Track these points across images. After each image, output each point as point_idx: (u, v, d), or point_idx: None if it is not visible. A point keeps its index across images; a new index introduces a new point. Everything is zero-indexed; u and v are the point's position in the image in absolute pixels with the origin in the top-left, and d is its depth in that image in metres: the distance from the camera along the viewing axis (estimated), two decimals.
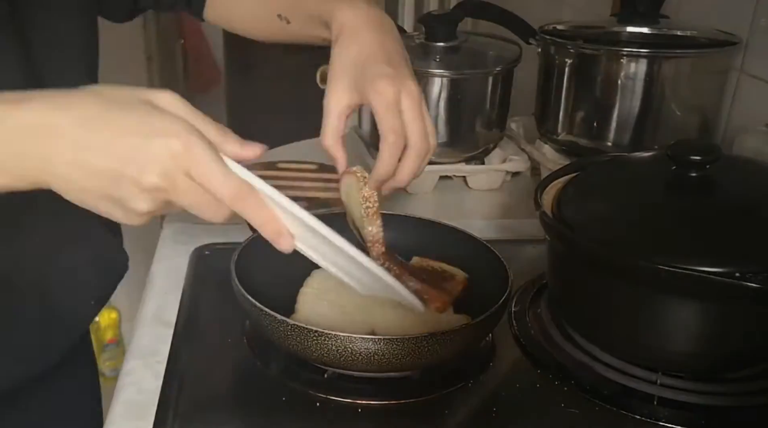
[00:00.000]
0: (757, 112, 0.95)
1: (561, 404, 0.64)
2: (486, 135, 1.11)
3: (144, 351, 0.70)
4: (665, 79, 0.96)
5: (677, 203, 0.67)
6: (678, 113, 0.98)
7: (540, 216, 0.67)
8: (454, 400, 0.64)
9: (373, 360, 0.59)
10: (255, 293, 0.63)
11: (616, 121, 0.99)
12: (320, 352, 0.59)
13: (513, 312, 0.76)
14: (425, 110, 0.68)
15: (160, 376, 0.66)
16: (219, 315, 0.74)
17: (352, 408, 0.62)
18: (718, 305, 0.60)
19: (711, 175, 0.65)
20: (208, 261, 0.84)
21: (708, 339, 0.62)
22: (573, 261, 0.68)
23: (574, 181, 0.73)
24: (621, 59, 0.96)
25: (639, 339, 0.64)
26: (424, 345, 0.59)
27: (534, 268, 0.81)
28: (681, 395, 0.63)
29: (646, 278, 0.60)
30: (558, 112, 1.06)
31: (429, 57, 1.07)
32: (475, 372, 0.67)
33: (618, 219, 0.66)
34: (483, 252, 0.73)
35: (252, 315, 0.63)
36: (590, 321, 0.69)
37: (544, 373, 0.67)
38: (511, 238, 0.93)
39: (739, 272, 0.56)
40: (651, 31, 1.01)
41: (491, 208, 1.06)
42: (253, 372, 0.67)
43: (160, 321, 0.74)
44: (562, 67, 1.04)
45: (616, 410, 0.63)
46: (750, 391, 0.64)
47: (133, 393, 0.64)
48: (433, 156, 1.07)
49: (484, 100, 1.08)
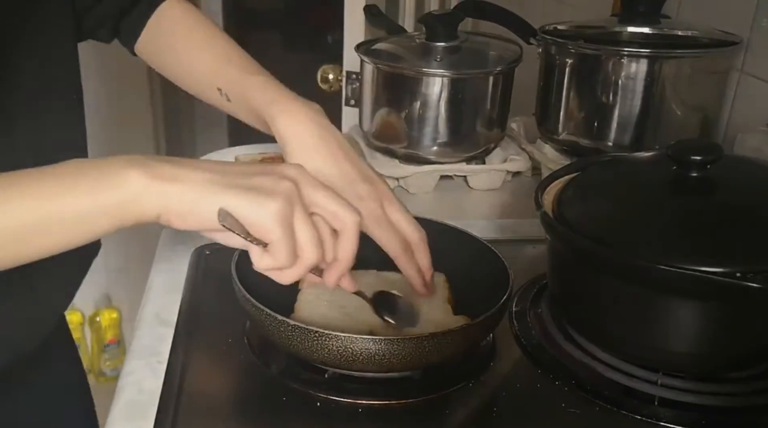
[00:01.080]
0: (757, 111, 0.95)
1: (561, 404, 0.64)
2: (487, 135, 1.11)
3: (145, 351, 0.70)
4: (666, 79, 0.96)
5: (678, 203, 0.67)
6: (679, 113, 0.98)
7: (540, 216, 0.67)
8: (454, 400, 0.64)
9: (374, 361, 0.59)
10: (256, 293, 0.63)
11: (617, 121, 0.99)
12: (321, 352, 0.59)
13: (514, 312, 0.76)
14: (398, 201, 0.69)
15: (160, 376, 0.66)
16: (220, 316, 0.74)
17: (352, 408, 0.62)
18: (720, 305, 0.60)
19: (712, 175, 0.65)
20: (209, 262, 0.84)
21: (709, 339, 0.62)
22: (573, 261, 0.68)
23: (575, 181, 0.73)
24: (622, 59, 0.96)
25: (640, 339, 0.64)
26: (424, 346, 0.59)
27: (535, 268, 0.81)
28: (682, 395, 0.63)
29: (647, 278, 0.60)
30: (559, 111, 1.06)
31: (429, 57, 1.07)
32: (475, 372, 0.67)
33: (619, 219, 0.66)
34: (484, 252, 0.73)
35: (253, 315, 0.63)
36: (591, 321, 0.69)
37: (545, 373, 0.67)
38: (511, 238, 0.93)
39: (740, 272, 0.56)
40: (652, 31, 1.01)
41: (492, 208, 1.06)
42: (253, 372, 0.67)
43: (161, 321, 0.74)
44: (562, 67, 1.04)
45: (616, 410, 0.63)
46: (751, 392, 0.64)
47: (133, 393, 0.64)
48: (434, 156, 1.09)
49: (485, 100, 1.08)
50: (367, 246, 0.64)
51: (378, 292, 0.68)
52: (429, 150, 1.09)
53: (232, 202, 0.51)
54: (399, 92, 1.07)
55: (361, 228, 0.59)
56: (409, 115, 1.07)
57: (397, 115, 1.08)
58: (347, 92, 1.57)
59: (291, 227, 0.52)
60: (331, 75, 1.65)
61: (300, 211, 0.53)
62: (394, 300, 0.69)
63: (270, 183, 0.52)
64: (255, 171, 0.54)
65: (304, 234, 0.53)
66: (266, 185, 0.52)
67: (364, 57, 1.10)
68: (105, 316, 2.47)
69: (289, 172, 0.54)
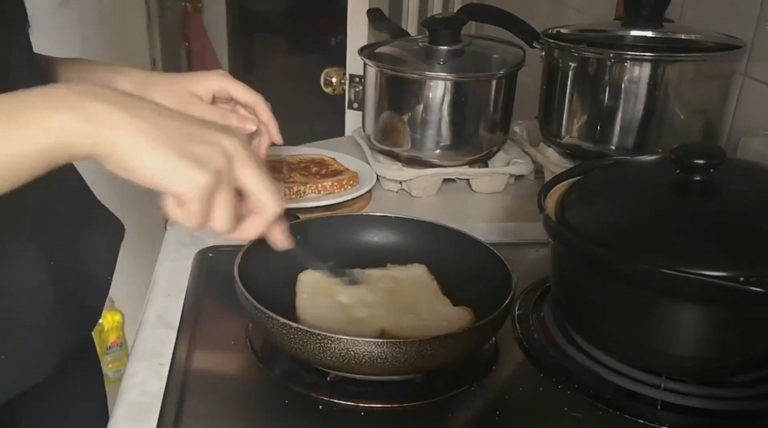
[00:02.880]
0: (761, 115, 0.95)
1: (564, 408, 0.63)
2: (490, 138, 1.11)
3: (147, 354, 0.70)
4: (669, 83, 0.96)
5: (681, 206, 0.66)
6: (682, 117, 0.98)
7: (543, 220, 0.67)
8: (457, 403, 0.64)
9: (376, 364, 0.59)
10: (258, 295, 0.63)
11: (620, 125, 0.99)
12: (323, 355, 0.59)
13: (516, 315, 0.76)
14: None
15: (163, 378, 0.66)
16: (222, 318, 0.74)
17: (354, 411, 0.62)
18: (722, 309, 0.60)
19: (715, 178, 0.65)
20: (212, 264, 0.84)
21: (712, 343, 0.62)
22: (576, 265, 0.68)
23: (578, 185, 0.73)
24: (625, 63, 0.96)
25: (643, 342, 0.64)
26: (427, 349, 0.59)
27: (537, 271, 0.81)
28: (685, 399, 0.63)
29: (649, 282, 0.60)
30: (562, 115, 1.06)
31: (432, 60, 1.07)
32: (478, 376, 0.67)
33: (621, 222, 0.66)
34: (486, 255, 0.73)
35: (255, 317, 0.63)
36: (594, 324, 0.69)
37: (548, 377, 0.67)
38: (514, 241, 0.93)
39: (743, 276, 0.56)
40: (655, 35, 1.01)
41: (494, 211, 1.07)
42: (255, 374, 0.67)
43: (164, 324, 0.74)
44: (565, 71, 1.04)
45: (619, 414, 0.63)
46: (754, 395, 0.64)
47: (136, 395, 0.64)
48: (437, 159, 1.09)
49: (488, 104, 1.08)
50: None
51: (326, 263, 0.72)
52: (432, 153, 1.09)
53: (160, 165, 0.49)
54: (402, 95, 1.07)
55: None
56: (412, 118, 1.07)
57: (400, 118, 1.08)
58: (350, 95, 1.57)
59: (211, 201, 0.51)
60: (334, 78, 1.65)
61: (224, 190, 0.52)
62: (337, 271, 0.73)
63: (206, 154, 0.51)
64: (197, 134, 0.52)
65: (220, 211, 0.52)
66: (201, 155, 0.51)
67: (367, 60, 1.10)
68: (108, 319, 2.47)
69: (228, 144, 0.52)
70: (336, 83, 1.65)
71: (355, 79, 1.54)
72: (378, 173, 1.09)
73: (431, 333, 0.61)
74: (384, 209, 0.68)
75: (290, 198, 1.00)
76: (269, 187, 0.55)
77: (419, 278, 0.75)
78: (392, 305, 0.70)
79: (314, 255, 0.72)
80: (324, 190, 1.02)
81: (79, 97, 0.49)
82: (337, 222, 0.82)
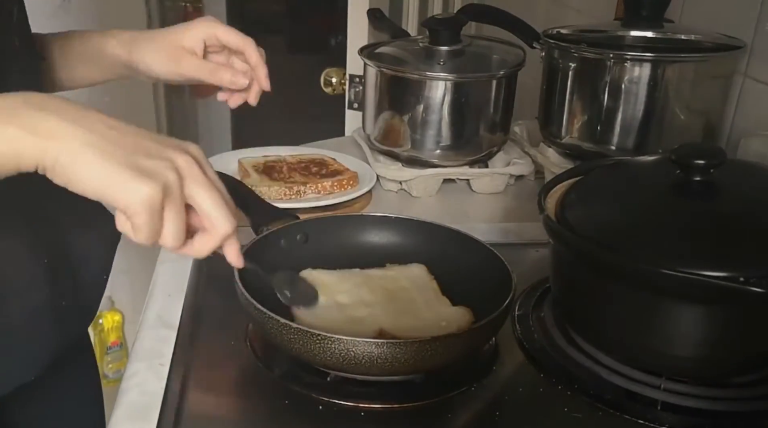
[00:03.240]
0: (761, 116, 0.95)
1: (564, 408, 0.63)
2: (490, 138, 1.11)
3: (147, 354, 0.70)
4: (669, 83, 0.96)
5: (681, 207, 0.66)
6: (682, 117, 0.98)
7: (543, 220, 0.67)
8: (457, 404, 0.64)
9: (376, 364, 0.59)
10: (258, 296, 0.63)
11: (620, 125, 0.99)
12: (323, 355, 0.59)
13: (516, 315, 0.76)
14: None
15: (163, 379, 0.66)
16: (222, 318, 0.74)
17: (354, 411, 0.62)
18: (722, 309, 0.60)
19: (715, 179, 0.65)
20: (212, 264, 0.84)
21: (712, 343, 0.62)
22: (576, 265, 0.68)
23: (578, 185, 0.73)
24: (625, 63, 0.96)
25: (643, 343, 0.64)
26: (426, 349, 0.59)
27: (537, 272, 0.81)
28: (685, 400, 0.63)
29: (649, 282, 0.60)
30: (562, 115, 1.06)
31: (433, 61, 1.07)
32: (478, 376, 0.67)
33: (622, 223, 0.66)
34: (486, 255, 0.73)
35: (255, 318, 0.63)
36: (594, 325, 0.69)
37: (548, 377, 0.67)
38: (514, 242, 0.93)
39: (743, 276, 0.56)
40: (655, 35, 1.01)
41: (494, 212, 1.06)
42: (255, 374, 0.67)
43: (164, 324, 0.74)
44: (565, 71, 1.04)
45: (619, 415, 0.63)
46: (754, 396, 0.64)
47: (136, 396, 0.64)
48: (437, 159, 1.09)
49: (488, 104, 1.08)
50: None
51: (280, 272, 0.69)
52: (432, 153, 1.09)
53: (103, 176, 0.48)
54: (402, 95, 1.07)
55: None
56: (412, 119, 1.07)
57: (400, 119, 1.08)
58: (350, 95, 1.57)
59: (159, 213, 0.50)
60: (334, 78, 1.65)
61: (173, 203, 0.51)
62: (293, 278, 0.70)
63: (154, 167, 0.50)
64: (148, 148, 0.51)
65: (168, 227, 0.51)
66: (148, 168, 0.50)
67: (367, 60, 1.10)
68: (108, 319, 2.47)
69: (181, 161, 0.51)
70: (336, 83, 1.65)
71: (355, 79, 1.54)
72: (378, 173, 1.09)
73: (431, 333, 0.61)
74: (384, 209, 0.68)
75: (290, 198, 1.00)
76: (221, 205, 0.53)
77: (419, 278, 0.75)
78: (392, 305, 0.71)
79: (270, 277, 0.68)
80: (324, 190, 1.02)
81: (27, 109, 0.49)
82: (337, 222, 0.82)
